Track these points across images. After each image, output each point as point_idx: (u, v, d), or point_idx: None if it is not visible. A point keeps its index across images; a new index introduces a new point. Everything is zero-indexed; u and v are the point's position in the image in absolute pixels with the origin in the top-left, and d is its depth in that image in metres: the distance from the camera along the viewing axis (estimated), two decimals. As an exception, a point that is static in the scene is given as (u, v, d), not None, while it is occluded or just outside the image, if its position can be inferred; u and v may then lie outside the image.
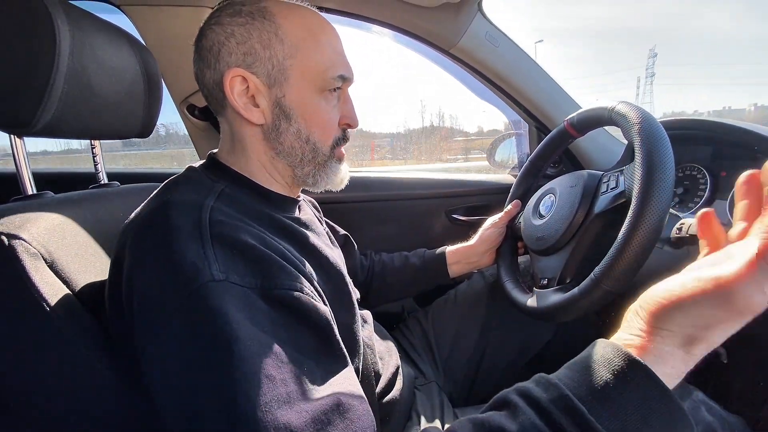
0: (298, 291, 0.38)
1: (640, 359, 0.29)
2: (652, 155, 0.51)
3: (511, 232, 0.83)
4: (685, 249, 0.59)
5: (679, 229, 0.55)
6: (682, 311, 0.29)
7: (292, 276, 0.40)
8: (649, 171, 0.50)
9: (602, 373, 0.30)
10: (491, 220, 0.85)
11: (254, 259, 0.39)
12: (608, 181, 0.61)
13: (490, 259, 0.84)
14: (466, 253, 0.84)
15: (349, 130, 0.56)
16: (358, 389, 0.38)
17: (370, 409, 0.37)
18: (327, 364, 0.37)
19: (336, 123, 0.54)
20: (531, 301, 0.66)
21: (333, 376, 0.37)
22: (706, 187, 0.76)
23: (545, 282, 0.66)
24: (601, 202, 0.60)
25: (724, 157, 0.77)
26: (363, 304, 0.71)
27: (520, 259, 0.84)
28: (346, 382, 0.37)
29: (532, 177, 0.85)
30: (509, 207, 0.84)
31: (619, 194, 0.57)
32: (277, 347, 0.34)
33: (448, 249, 0.85)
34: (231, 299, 0.34)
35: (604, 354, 0.31)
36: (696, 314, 0.29)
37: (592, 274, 0.53)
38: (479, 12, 0.87)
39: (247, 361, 0.31)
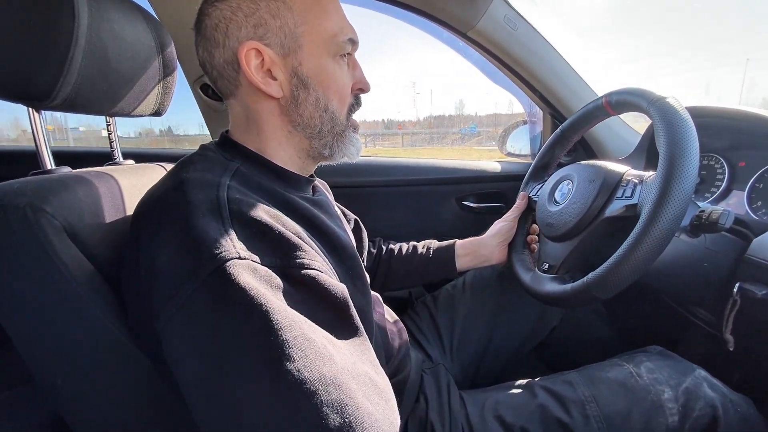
0: (316, 270, 0.38)
1: None
2: (672, 183, 0.50)
3: (522, 227, 0.84)
4: (702, 237, 0.59)
5: (699, 217, 0.54)
6: None
7: (310, 255, 0.40)
8: (662, 199, 0.50)
9: None
10: (502, 217, 0.85)
11: (273, 238, 0.38)
12: (626, 186, 0.60)
13: (502, 255, 0.83)
14: (476, 245, 0.84)
15: (362, 96, 0.56)
16: (379, 366, 0.39)
17: (390, 384, 0.38)
18: (347, 340, 0.38)
19: (349, 89, 0.54)
20: (531, 282, 0.71)
21: (356, 351, 0.37)
22: (724, 177, 0.75)
23: (546, 267, 0.70)
24: (614, 206, 0.61)
25: (742, 146, 0.76)
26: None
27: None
28: (365, 357, 0.38)
29: (560, 148, 0.83)
30: (519, 201, 0.84)
31: (630, 206, 0.57)
32: (306, 319, 0.34)
33: (458, 241, 0.85)
34: (256, 277, 0.34)
35: None
36: None
37: (585, 278, 0.57)
38: (498, -6, 0.85)
39: (286, 328, 0.32)
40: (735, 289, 0.58)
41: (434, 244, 0.86)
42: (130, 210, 0.54)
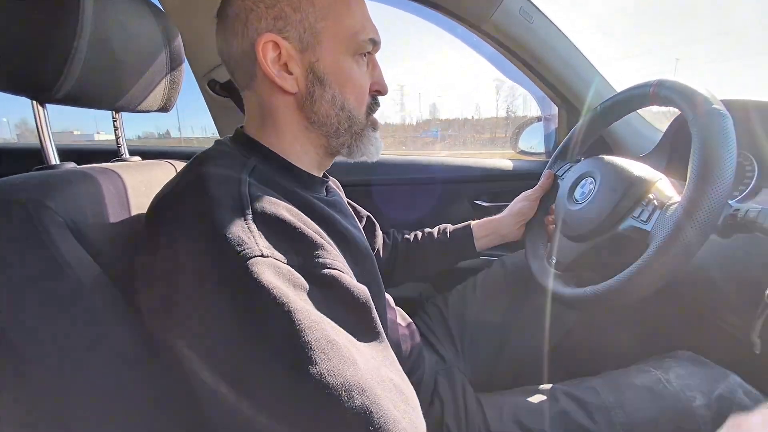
0: (338, 270, 0.37)
1: None
2: (687, 227, 0.47)
3: (543, 206, 0.82)
4: (735, 237, 0.56)
5: (733, 217, 0.51)
6: None
7: (332, 254, 0.39)
8: (671, 241, 0.47)
9: None
10: (525, 193, 0.83)
11: (295, 237, 0.37)
12: (646, 206, 0.57)
13: (520, 233, 0.83)
14: (495, 225, 0.83)
15: (380, 97, 0.55)
16: (402, 371, 0.38)
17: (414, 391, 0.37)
18: (369, 343, 0.37)
19: (367, 89, 0.52)
20: (537, 271, 0.73)
21: (378, 356, 0.36)
22: (753, 175, 0.71)
23: (554, 261, 0.70)
24: (626, 224, 0.58)
25: None
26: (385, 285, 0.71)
27: None
28: (388, 361, 0.37)
29: (597, 129, 0.79)
30: (543, 180, 0.82)
31: (642, 231, 0.55)
32: (329, 320, 0.33)
33: (474, 223, 0.84)
34: (278, 276, 0.33)
35: None
36: None
37: (583, 290, 0.58)
38: (514, -15, 0.83)
39: (309, 330, 0.30)
40: (766, 293, 0.55)
41: (450, 227, 0.86)
42: (137, 208, 0.52)
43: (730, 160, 0.47)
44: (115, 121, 0.71)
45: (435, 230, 0.86)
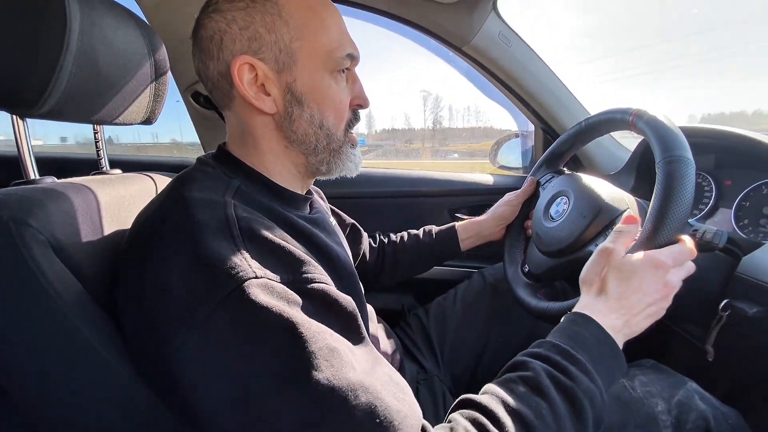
0: (324, 283, 0.39)
1: (582, 311, 0.48)
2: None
3: (524, 211, 0.86)
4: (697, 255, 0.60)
5: (692, 235, 0.55)
6: (587, 268, 0.52)
7: (318, 270, 0.40)
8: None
9: (569, 326, 0.47)
10: (507, 197, 0.86)
11: (283, 255, 0.38)
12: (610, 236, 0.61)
13: (501, 233, 0.86)
14: (477, 227, 0.86)
15: (360, 111, 0.55)
16: (389, 364, 0.40)
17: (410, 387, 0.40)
18: (360, 347, 0.39)
19: (347, 105, 0.52)
20: (510, 277, 0.77)
21: (370, 357, 0.39)
22: (711, 195, 0.76)
23: (527, 269, 0.75)
24: (590, 250, 0.62)
25: (726, 165, 0.78)
26: (370, 291, 0.72)
27: None
28: (379, 360, 0.39)
29: (580, 141, 0.81)
30: (526, 186, 0.85)
31: None
32: (327, 329, 0.35)
33: (458, 224, 0.87)
34: (273, 295, 0.34)
35: (567, 317, 0.49)
36: (593, 268, 0.51)
37: (547, 304, 0.64)
38: (493, 11, 0.87)
39: (311, 341, 0.32)
40: (721, 306, 0.59)
41: (435, 228, 0.88)
42: (118, 224, 0.51)
43: (683, 211, 0.51)
44: (96, 133, 0.70)
45: (420, 232, 0.88)
